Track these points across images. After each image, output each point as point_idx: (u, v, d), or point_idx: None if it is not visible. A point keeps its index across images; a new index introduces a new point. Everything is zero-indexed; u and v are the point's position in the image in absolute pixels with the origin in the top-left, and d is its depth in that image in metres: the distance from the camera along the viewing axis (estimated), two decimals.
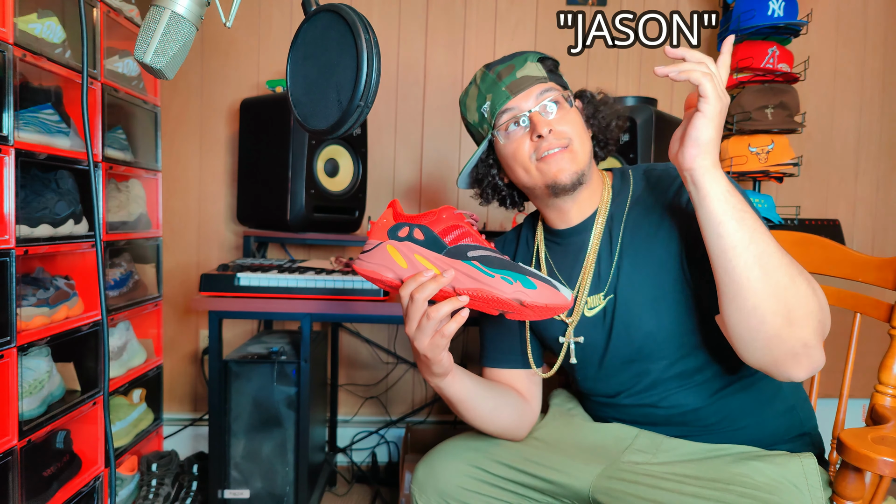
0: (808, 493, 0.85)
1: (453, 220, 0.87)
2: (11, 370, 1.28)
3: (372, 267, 0.86)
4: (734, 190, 0.77)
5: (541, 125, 0.94)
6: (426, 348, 0.85)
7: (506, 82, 0.97)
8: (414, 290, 0.82)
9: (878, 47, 2.35)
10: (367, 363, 2.32)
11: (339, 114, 0.77)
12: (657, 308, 0.94)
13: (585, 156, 0.98)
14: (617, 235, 0.98)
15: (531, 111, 0.96)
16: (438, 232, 0.86)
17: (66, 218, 1.48)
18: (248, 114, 1.97)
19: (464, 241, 0.85)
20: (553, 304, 0.81)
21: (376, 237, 0.88)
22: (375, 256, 0.87)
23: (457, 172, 2.29)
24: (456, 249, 0.85)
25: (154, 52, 0.76)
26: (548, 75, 0.98)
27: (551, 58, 1.03)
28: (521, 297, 0.80)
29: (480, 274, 0.82)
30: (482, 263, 0.83)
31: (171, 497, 1.84)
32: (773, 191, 2.33)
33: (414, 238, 0.86)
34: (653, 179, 0.99)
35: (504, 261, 0.84)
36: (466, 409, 0.99)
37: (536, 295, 0.80)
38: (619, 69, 2.31)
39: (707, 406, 0.96)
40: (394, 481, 2.11)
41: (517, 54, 1.01)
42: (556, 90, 0.97)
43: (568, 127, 0.96)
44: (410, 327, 0.84)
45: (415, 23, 2.26)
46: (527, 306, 0.81)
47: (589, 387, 1.07)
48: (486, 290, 0.81)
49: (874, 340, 1.25)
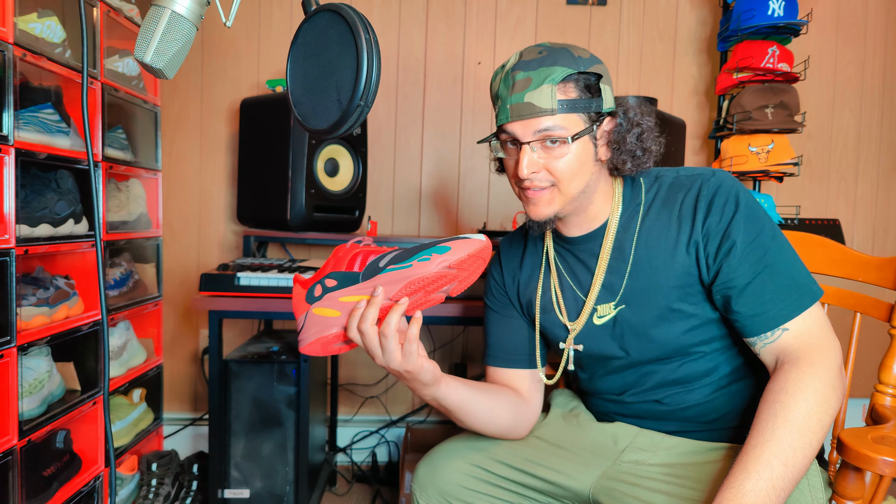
0: (809, 493, 0.85)
1: (350, 252, 0.88)
2: (11, 370, 1.28)
3: (313, 337, 0.87)
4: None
5: (524, 166, 0.89)
6: (402, 363, 0.85)
7: (513, 100, 0.89)
8: (358, 324, 0.83)
9: (878, 47, 2.35)
10: (367, 363, 2.32)
11: (339, 113, 0.77)
12: (669, 318, 0.93)
13: (572, 193, 0.93)
14: (630, 245, 0.96)
15: (524, 144, 0.90)
16: (345, 268, 0.87)
17: (66, 217, 1.48)
18: (248, 113, 1.97)
19: (370, 259, 0.86)
20: (474, 251, 0.82)
21: (300, 311, 0.88)
22: (309, 327, 0.87)
23: (457, 171, 2.29)
24: (368, 269, 0.85)
25: (154, 51, 0.76)
26: (559, 107, 0.87)
27: (589, 72, 0.89)
28: (444, 263, 0.81)
29: (400, 272, 0.83)
30: (395, 263, 0.84)
31: (171, 497, 1.84)
32: (773, 190, 2.34)
33: (328, 288, 0.87)
34: (664, 188, 0.97)
35: (412, 248, 0.85)
36: (464, 415, 0.99)
37: (454, 253, 0.81)
38: (619, 69, 2.31)
39: (709, 402, 0.96)
40: (394, 481, 2.11)
41: (546, 62, 0.88)
42: (561, 128, 0.88)
43: (559, 168, 0.90)
44: (378, 357, 0.85)
45: (415, 22, 2.26)
46: (455, 267, 0.82)
47: (594, 387, 1.07)
48: (413, 279, 0.82)
49: (874, 340, 1.25)
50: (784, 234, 0.91)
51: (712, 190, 0.91)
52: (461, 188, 2.30)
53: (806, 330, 0.84)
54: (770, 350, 0.86)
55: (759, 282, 0.86)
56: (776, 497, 0.73)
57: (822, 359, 0.81)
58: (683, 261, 0.91)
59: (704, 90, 2.34)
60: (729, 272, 0.87)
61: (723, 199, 0.89)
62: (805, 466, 0.76)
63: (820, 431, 0.77)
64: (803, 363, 0.81)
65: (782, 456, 0.74)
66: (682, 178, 0.96)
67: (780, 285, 0.85)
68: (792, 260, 0.88)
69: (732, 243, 0.87)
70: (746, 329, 0.87)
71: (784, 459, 0.74)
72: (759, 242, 0.87)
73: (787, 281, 0.86)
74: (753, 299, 0.86)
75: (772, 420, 0.77)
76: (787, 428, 0.76)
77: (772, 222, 0.90)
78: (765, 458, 0.74)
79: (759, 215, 0.89)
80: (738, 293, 0.87)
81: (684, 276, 0.92)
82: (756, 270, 0.86)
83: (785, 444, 0.75)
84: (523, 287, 1.09)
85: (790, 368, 0.81)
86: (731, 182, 0.92)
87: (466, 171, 2.30)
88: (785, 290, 0.85)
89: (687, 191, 0.94)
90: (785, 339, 0.84)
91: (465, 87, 2.29)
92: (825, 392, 0.79)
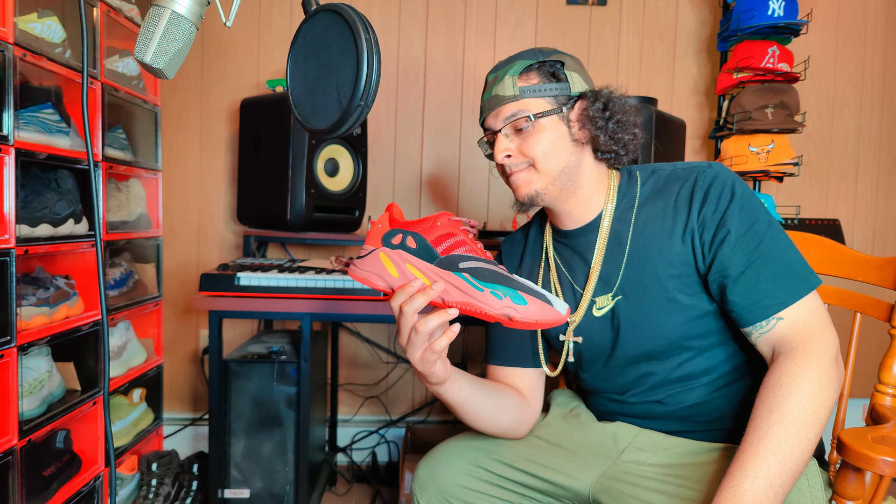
0: (809, 493, 0.85)
1: (448, 228, 0.86)
2: (11, 370, 1.28)
3: (364, 274, 0.87)
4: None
5: (497, 151, 0.98)
6: (417, 362, 0.86)
7: (485, 97, 1.00)
8: (403, 303, 0.83)
9: (878, 47, 2.36)
10: (367, 363, 2.32)
11: (340, 113, 0.77)
12: (666, 309, 0.94)
13: (552, 171, 0.96)
14: (626, 236, 0.97)
15: (497, 133, 0.98)
16: (432, 240, 0.85)
17: (66, 217, 1.48)
18: (249, 113, 1.97)
19: (457, 251, 0.85)
20: (544, 320, 0.80)
21: (371, 243, 0.88)
22: (368, 264, 0.87)
23: (457, 171, 2.29)
24: (448, 260, 0.84)
25: (154, 51, 0.76)
26: (521, 93, 0.95)
27: (549, 60, 0.97)
28: (510, 314, 0.79)
29: (470, 287, 0.81)
30: (472, 276, 0.82)
31: (171, 497, 1.84)
32: (773, 190, 2.34)
33: (406, 246, 0.85)
34: (661, 180, 0.98)
35: (496, 273, 0.83)
36: (465, 413, 0.99)
37: (526, 311, 0.79)
38: (619, 69, 2.31)
39: (708, 402, 0.96)
40: (394, 481, 2.11)
41: (510, 60, 0.99)
42: (524, 111, 0.95)
43: (532, 148, 0.96)
44: (402, 339, 0.86)
45: (415, 22, 2.26)
46: (515, 322, 0.80)
47: (594, 385, 1.07)
48: (474, 304, 0.80)
49: (874, 340, 1.25)
50: (780, 225, 0.92)
51: (708, 180, 0.91)
52: (461, 188, 2.30)
53: (801, 319, 0.84)
54: (766, 340, 0.86)
55: (754, 270, 0.86)
56: (774, 494, 0.73)
57: (816, 349, 0.81)
58: (679, 250, 0.92)
59: (704, 90, 2.35)
60: (723, 261, 0.88)
61: (718, 190, 0.90)
62: (803, 461, 0.75)
63: (817, 424, 0.76)
64: (798, 354, 0.81)
65: (779, 453, 0.74)
66: (678, 170, 0.97)
67: (775, 274, 0.85)
68: (787, 249, 0.88)
69: (727, 232, 0.87)
70: (742, 318, 0.87)
71: (781, 456, 0.74)
72: (753, 231, 0.87)
73: (781, 270, 0.85)
74: (748, 288, 0.86)
75: (767, 416, 0.77)
76: (783, 423, 0.76)
77: (767, 213, 0.90)
78: (761, 455, 0.74)
79: (755, 206, 0.89)
80: (733, 282, 0.87)
81: (681, 265, 0.92)
82: (750, 259, 0.86)
83: (781, 440, 0.75)
84: None
85: (785, 361, 0.81)
86: (727, 173, 0.92)
87: (466, 170, 2.30)
88: (780, 279, 0.85)
89: (683, 182, 0.95)
90: (780, 328, 0.84)
91: (464, 87, 2.29)
92: (820, 384, 0.78)
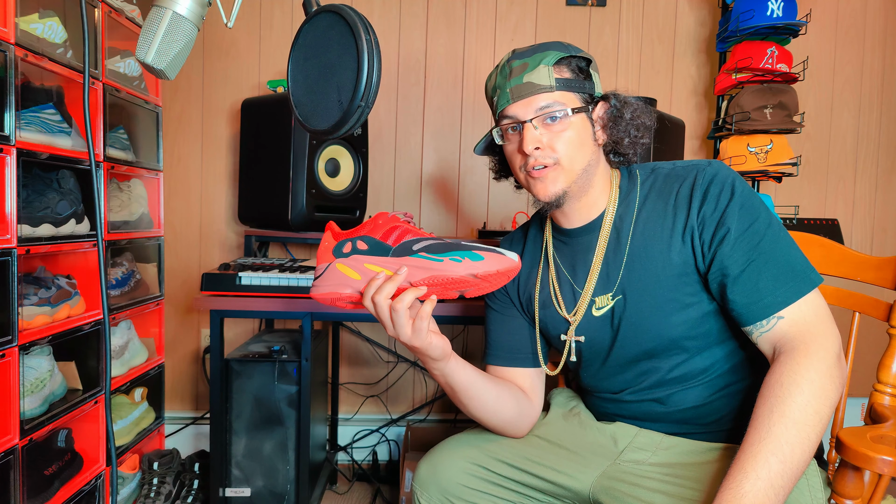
0: (809, 492, 0.86)
1: (390, 223, 0.90)
2: (13, 369, 1.29)
3: (328, 289, 0.89)
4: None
5: (528, 142, 0.93)
6: (412, 338, 0.87)
7: (512, 83, 0.94)
8: (374, 295, 0.85)
9: (877, 48, 2.36)
10: (367, 361, 2.33)
11: (340, 114, 0.77)
12: (665, 309, 0.93)
13: (576, 170, 0.95)
14: (626, 236, 0.97)
15: (525, 122, 0.94)
16: (379, 237, 0.89)
17: (67, 217, 1.49)
18: (249, 114, 1.98)
19: (406, 239, 0.89)
20: (504, 269, 0.84)
21: (324, 260, 0.91)
22: (328, 279, 0.90)
23: (457, 172, 2.30)
24: (401, 247, 0.88)
25: (156, 52, 0.77)
26: (556, 84, 0.93)
27: (580, 56, 0.97)
28: (473, 271, 0.83)
29: (429, 262, 0.85)
30: (429, 252, 0.86)
31: (172, 495, 1.84)
32: (771, 190, 2.34)
33: (358, 249, 0.89)
34: (661, 178, 0.98)
35: (448, 244, 0.87)
36: (469, 398, 0.99)
37: (485, 265, 0.84)
38: (618, 69, 2.31)
39: (708, 403, 0.96)
40: (394, 479, 2.12)
41: (539, 49, 0.95)
42: (559, 104, 0.93)
43: (562, 144, 0.94)
44: (389, 329, 0.88)
45: (415, 23, 2.27)
46: (480, 277, 0.84)
47: (593, 384, 1.07)
48: (439, 275, 0.84)
49: (873, 340, 1.26)
50: (782, 223, 0.91)
51: (708, 179, 0.91)
52: (461, 188, 2.30)
53: (801, 318, 0.83)
54: (767, 339, 0.85)
55: (754, 269, 0.85)
56: (775, 495, 0.72)
57: (818, 348, 0.80)
58: (679, 249, 0.92)
59: (703, 91, 2.35)
60: (723, 259, 0.87)
61: (718, 188, 0.90)
62: (804, 461, 0.75)
63: (818, 424, 0.76)
64: (799, 353, 0.80)
65: (779, 453, 0.73)
66: (678, 168, 0.97)
67: (775, 272, 0.85)
68: (788, 247, 0.87)
69: (727, 230, 0.87)
70: (742, 317, 0.87)
71: (782, 457, 0.73)
72: (753, 230, 0.87)
73: (782, 268, 0.85)
74: (748, 287, 0.85)
75: (768, 416, 0.76)
76: (784, 424, 0.75)
77: (768, 211, 0.89)
78: (762, 456, 0.74)
79: (755, 204, 0.89)
80: (733, 281, 0.87)
81: (681, 265, 0.92)
82: (750, 258, 0.86)
83: (782, 440, 0.74)
84: (522, 284, 1.10)
85: (786, 360, 0.80)
86: (726, 171, 0.92)
87: (466, 171, 2.30)
88: (780, 278, 0.84)
89: (683, 180, 0.94)
90: (780, 327, 0.84)
91: (465, 87, 2.29)
92: (821, 383, 0.77)
